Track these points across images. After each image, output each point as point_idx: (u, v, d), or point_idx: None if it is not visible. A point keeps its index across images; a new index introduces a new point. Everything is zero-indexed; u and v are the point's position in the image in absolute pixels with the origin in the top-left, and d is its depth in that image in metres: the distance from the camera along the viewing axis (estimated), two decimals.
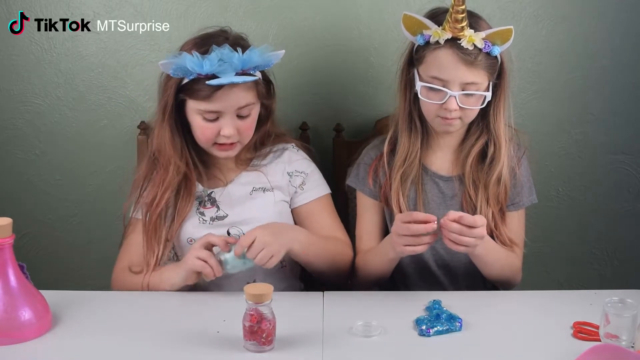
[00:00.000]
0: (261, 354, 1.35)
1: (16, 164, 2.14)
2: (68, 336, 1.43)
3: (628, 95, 2.10)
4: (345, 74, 2.08)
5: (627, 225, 2.19)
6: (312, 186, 1.78)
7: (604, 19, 2.05)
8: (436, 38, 1.57)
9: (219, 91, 1.59)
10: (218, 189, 1.75)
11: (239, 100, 1.62)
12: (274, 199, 1.73)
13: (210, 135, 1.66)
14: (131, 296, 1.65)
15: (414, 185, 1.71)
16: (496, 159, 1.66)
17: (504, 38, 1.57)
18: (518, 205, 1.72)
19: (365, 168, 1.78)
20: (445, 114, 1.59)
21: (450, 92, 1.57)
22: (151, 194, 1.70)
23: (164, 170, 1.70)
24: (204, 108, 1.62)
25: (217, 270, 1.55)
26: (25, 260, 1.49)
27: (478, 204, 1.67)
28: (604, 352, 1.27)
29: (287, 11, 2.03)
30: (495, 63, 1.60)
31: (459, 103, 1.57)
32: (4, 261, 1.39)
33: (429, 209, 1.71)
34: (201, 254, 1.55)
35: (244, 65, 1.60)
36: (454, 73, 1.56)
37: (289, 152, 1.79)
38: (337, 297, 1.60)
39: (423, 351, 1.38)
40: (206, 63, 1.56)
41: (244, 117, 1.66)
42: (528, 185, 1.73)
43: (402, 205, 1.69)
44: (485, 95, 1.60)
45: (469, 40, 1.54)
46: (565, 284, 2.22)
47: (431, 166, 1.73)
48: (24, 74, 2.09)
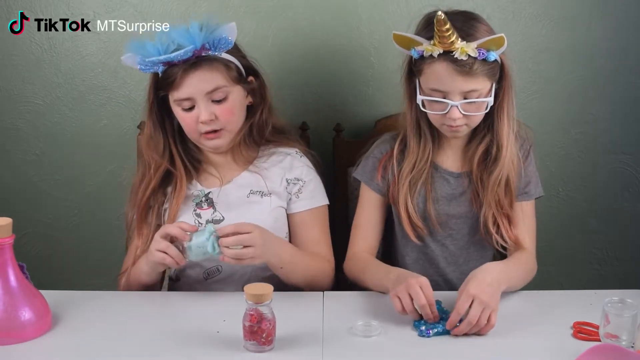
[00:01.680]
0: (261, 354, 1.35)
1: (16, 164, 2.14)
2: (68, 336, 1.43)
3: (628, 95, 2.10)
4: (345, 74, 2.08)
5: (627, 225, 2.19)
6: (307, 196, 1.76)
7: (604, 19, 2.05)
8: (429, 52, 1.56)
9: (184, 77, 1.60)
10: (215, 188, 1.74)
11: (205, 84, 1.62)
12: (270, 205, 1.72)
13: (192, 125, 1.66)
14: (131, 296, 1.65)
15: (423, 186, 1.70)
16: (498, 160, 1.66)
17: (498, 44, 1.56)
18: (529, 195, 1.71)
19: (374, 162, 1.76)
20: (450, 122, 1.59)
21: (451, 103, 1.56)
22: (140, 191, 1.72)
23: (147, 167, 1.73)
24: (176, 97, 1.65)
25: (179, 258, 1.54)
26: (25, 260, 1.49)
27: (485, 202, 1.67)
28: (604, 352, 1.27)
29: (287, 11, 2.03)
30: (495, 66, 1.59)
31: (462, 111, 1.57)
32: (4, 261, 1.39)
33: (438, 206, 1.71)
34: (159, 245, 1.55)
35: (192, 41, 1.59)
36: (452, 84, 1.56)
37: (291, 158, 1.78)
38: (337, 297, 1.61)
39: (423, 351, 1.38)
40: (149, 46, 1.59)
41: (220, 101, 1.65)
42: (535, 179, 1.72)
43: (410, 211, 1.69)
44: (488, 102, 1.59)
45: (461, 52, 1.53)
46: (565, 284, 2.22)
47: (442, 164, 1.73)
48: (24, 74, 2.09)
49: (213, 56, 1.63)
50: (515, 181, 1.68)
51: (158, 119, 1.71)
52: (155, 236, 1.57)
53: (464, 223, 1.73)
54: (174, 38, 1.60)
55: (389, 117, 2.05)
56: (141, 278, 1.65)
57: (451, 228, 1.73)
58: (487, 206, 1.66)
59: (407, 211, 1.69)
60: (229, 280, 1.71)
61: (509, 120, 1.66)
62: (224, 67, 1.64)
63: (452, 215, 1.72)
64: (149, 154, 1.73)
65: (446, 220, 1.72)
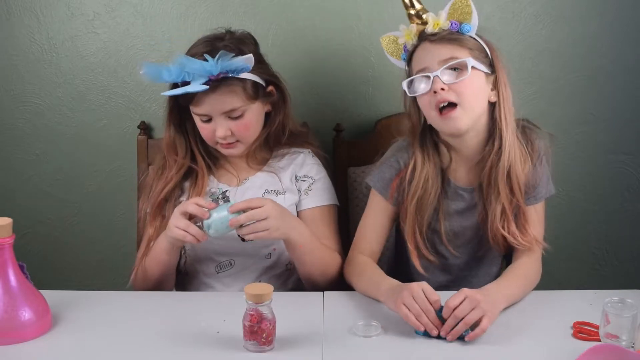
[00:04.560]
0: (261, 354, 1.35)
1: (16, 164, 2.14)
2: (68, 336, 1.43)
3: (628, 95, 2.10)
4: (345, 74, 2.08)
5: (627, 225, 2.19)
6: (317, 193, 1.77)
7: (604, 19, 2.05)
8: (410, 40, 1.61)
9: (202, 97, 1.62)
10: (232, 187, 1.76)
11: (222, 105, 1.64)
12: (285, 203, 1.72)
13: (210, 135, 1.69)
14: (131, 296, 1.65)
15: (433, 205, 1.67)
16: (501, 153, 1.61)
17: (464, 11, 1.59)
18: (536, 198, 1.67)
19: (389, 171, 1.71)
20: (437, 97, 1.55)
21: (431, 74, 1.56)
22: (158, 187, 1.73)
23: (168, 168, 1.74)
24: (195, 111, 1.67)
25: (200, 236, 1.55)
26: (25, 260, 1.49)
27: (491, 206, 1.63)
28: (604, 352, 1.27)
29: (287, 11, 2.03)
30: (478, 45, 1.60)
31: (444, 81, 1.55)
32: (4, 261, 1.39)
33: (450, 221, 1.69)
34: (180, 223, 1.55)
35: (207, 73, 1.59)
36: (430, 56, 1.58)
37: (303, 156, 1.80)
38: (337, 297, 1.60)
39: (423, 351, 1.38)
40: (164, 73, 1.60)
41: (236, 118, 1.66)
42: (547, 177, 1.69)
43: (419, 244, 1.66)
44: (467, 62, 1.55)
45: (434, 26, 1.58)
46: (565, 284, 2.21)
47: (454, 180, 1.69)
48: (24, 74, 2.09)
49: (230, 77, 1.62)
50: (522, 176, 1.63)
51: (178, 122, 1.74)
52: (175, 211, 1.58)
53: (475, 235, 1.70)
54: (190, 70, 1.59)
55: (389, 117, 2.05)
56: (161, 258, 1.65)
57: (460, 240, 1.70)
58: (495, 203, 1.62)
59: (415, 242, 1.67)
60: (240, 275, 1.72)
61: (507, 114, 1.62)
62: (241, 89, 1.65)
63: (464, 227, 1.70)
64: (172, 156, 1.75)
65: (458, 231, 1.70)
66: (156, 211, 1.72)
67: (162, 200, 1.72)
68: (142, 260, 1.68)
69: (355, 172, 2.03)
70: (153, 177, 1.77)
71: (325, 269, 1.68)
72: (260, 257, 1.73)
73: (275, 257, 1.74)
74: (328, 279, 1.68)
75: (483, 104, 1.60)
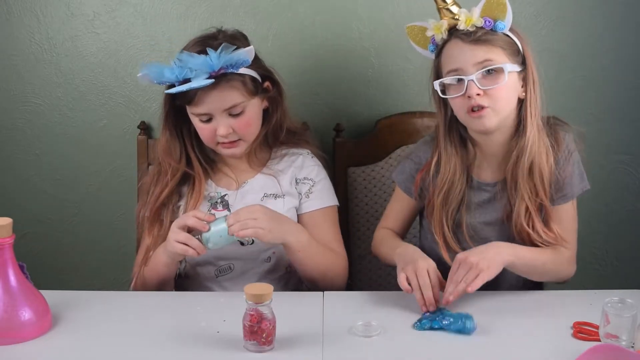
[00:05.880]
0: (261, 354, 1.35)
1: (16, 164, 2.14)
2: (68, 336, 1.43)
3: (628, 95, 2.10)
4: (345, 74, 2.08)
5: (627, 226, 2.19)
6: (318, 195, 1.76)
7: (604, 19, 2.05)
8: (439, 35, 1.58)
9: (202, 96, 1.61)
10: (231, 191, 1.75)
11: (222, 102, 1.63)
12: (284, 206, 1.72)
13: (210, 135, 1.68)
14: (131, 296, 1.65)
15: (457, 201, 1.67)
16: (524, 148, 1.59)
17: (499, 8, 1.54)
18: (565, 197, 1.65)
19: (411, 167, 1.74)
20: (471, 102, 1.54)
21: (466, 78, 1.54)
22: (155, 193, 1.72)
23: (164, 172, 1.73)
24: (194, 111, 1.66)
25: (200, 249, 1.56)
26: (25, 260, 1.49)
27: (515, 202, 1.61)
28: (604, 352, 1.27)
29: (287, 11, 2.03)
30: (511, 42, 1.57)
31: (479, 85, 1.53)
32: (4, 261, 1.39)
33: (472, 217, 1.68)
34: (179, 237, 1.56)
35: (210, 68, 1.59)
36: (463, 57, 1.54)
37: (303, 158, 1.79)
38: (337, 297, 1.60)
39: (423, 351, 1.38)
40: (166, 72, 1.60)
41: (237, 115, 1.66)
42: (578, 173, 1.66)
43: (448, 239, 1.66)
44: (503, 68, 1.53)
45: (467, 23, 1.54)
46: (565, 284, 2.21)
47: (478, 177, 1.69)
48: (24, 74, 2.09)
49: (230, 73, 1.62)
50: (546, 170, 1.61)
51: (174, 126, 1.73)
52: (173, 226, 1.58)
53: (498, 230, 1.68)
54: (192, 66, 1.59)
55: (389, 117, 2.05)
56: (160, 270, 1.66)
57: (482, 235, 1.68)
58: (519, 198, 1.60)
59: (443, 236, 1.66)
60: (239, 279, 1.72)
61: (535, 112, 1.60)
62: (241, 84, 1.64)
63: (487, 222, 1.68)
64: (166, 160, 1.73)
65: (481, 227, 1.69)
66: (154, 217, 1.71)
67: (159, 206, 1.71)
68: (140, 269, 1.69)
69: (355, 172, 2.03)
70: (150, 183, 1.76)
71: (326, 272, 1.68)
72: (259, 260, 1.73)
73: (275, 260, 1.73)
74: (331, 282, 1.68)
75: (513, 104, 1.60)
